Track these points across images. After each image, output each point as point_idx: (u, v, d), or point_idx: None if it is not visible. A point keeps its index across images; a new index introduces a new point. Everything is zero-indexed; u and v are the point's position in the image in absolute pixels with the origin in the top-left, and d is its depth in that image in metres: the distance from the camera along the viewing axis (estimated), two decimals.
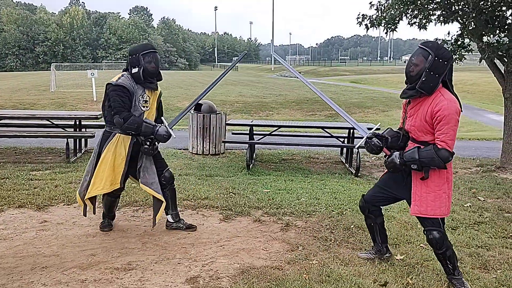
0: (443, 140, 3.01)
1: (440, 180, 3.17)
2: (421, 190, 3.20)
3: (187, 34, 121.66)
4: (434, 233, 3.22)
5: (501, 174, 7.33)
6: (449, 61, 3.04)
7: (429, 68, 3.01)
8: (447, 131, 3.00)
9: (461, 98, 12.30)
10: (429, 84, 3.04)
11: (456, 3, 7.12)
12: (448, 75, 3.09)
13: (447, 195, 3.19)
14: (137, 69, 3.92)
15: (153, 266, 3.60)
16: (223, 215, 4.87)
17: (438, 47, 3.04)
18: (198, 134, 8.43)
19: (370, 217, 3.65)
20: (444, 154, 3.02)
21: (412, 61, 3.10)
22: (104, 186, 3.99)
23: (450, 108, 2.98)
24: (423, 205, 3.19)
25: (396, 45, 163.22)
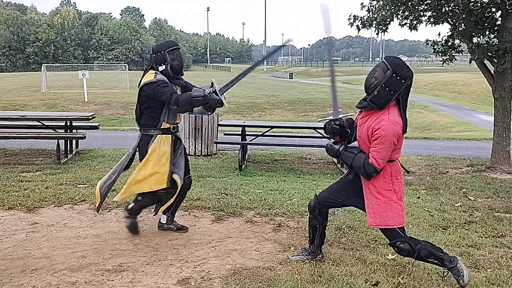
0: (374, 157, 3.09)
1: (386, 191, 3.21)
2: (373, 202, 3.24)
3: (179, 34, 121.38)
4: (399, 245, 3.24)
5: (491, 174, 7.40)
6: (406, 80, 3.02)
7: (385, 83, 3.01)
8: (379, 150, 3.06)
9: (452, 99, 12.46)
10: (381, 100, 3.04)
11: (447, 5, 7.18)
12: (403, 94, 3.08)
13: (398, 204, 3.22)
14: (164, 66, 3.97)
15: (145, 267, 3.58)
16: (215, 216, 4.86)
17: (398, 64, 3.02)
18: (190, 135, 8.41)
19: (317, 218, 3.62)
20: (369, 168, 3.11)
21: (374, 73, 3.11)
22: (150, 186, 3.99)
23: (388, 129, 3.02)
24: (377, 216, 3.23)
25: (387, 46, 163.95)
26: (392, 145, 3.07)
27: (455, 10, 7.07)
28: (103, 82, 28.31)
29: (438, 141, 11.99)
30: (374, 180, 3.21)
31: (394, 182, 3.23)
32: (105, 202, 5.17)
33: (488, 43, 7.10)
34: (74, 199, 5.31)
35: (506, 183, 6.76)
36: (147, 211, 4.61)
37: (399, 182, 3.26)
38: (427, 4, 7.16)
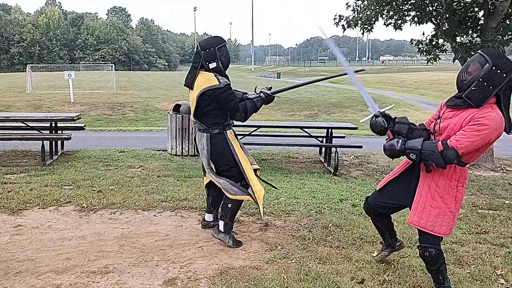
0: (458, 140, 2.71)
1: (449, 197, 2.90)
2: (426, 201, 2.94)
3: (166, 34, 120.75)
4: (430, 251, 2.98)
5: (475, 171, 7.50)
6: (508, 73, 2.67)
7: (483, 78, 2.67)
8: (469, 135, 2.67)
9: (437, 98, 12.61)
10: (479, 95, 2.69)
11: (430, 4, 7.27)
12: (505, 89, 2.73)
13: (453, 214, 2.94)
14: (215, 63, 3.93)
15: (131, 269, 3.56)
16: (202, 216, 4.85)
17: (499, 56, 2.70)
18: (177, 135, 8.38)
19: (376, 219, 3.50)
20: (449, 154, 2.71)
21: (467, 69, 2.77)
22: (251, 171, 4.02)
23: (495, 121, 2.65)
24: (424, 217, 2.93)
25: (374, 46, 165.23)
26: (486, 141, 2.69)
27: (438, 10, 7.16)
28: (90, 82, 28.03)
29: None
30: (438, 180, 2.90)
31: (459, 189, 2.92)
32: (90, 203, 5.15)
33: (471, 42, 7.21)
34: (59, 201, 5.25)
35: (489, 180, 6.86)
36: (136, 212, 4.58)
37: (463, 190, 2.96)
38: (411, 4, 7.24)
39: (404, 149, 2.88)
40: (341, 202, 5.47)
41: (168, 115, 8.67)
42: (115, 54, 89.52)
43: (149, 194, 5.62)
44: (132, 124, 17.00)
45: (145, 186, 5.99)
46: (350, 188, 6.19)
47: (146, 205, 5.17)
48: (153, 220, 4.70)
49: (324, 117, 19.94)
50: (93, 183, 6.07)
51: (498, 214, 5.10)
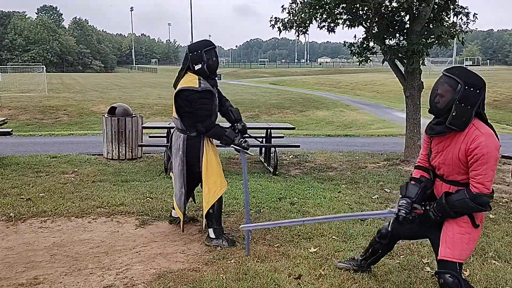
0: (480, 182, 2.60)
1: (474, 219, 2.75)
2: (454, 230, 2.75)
3: (102, 35, 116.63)
4: (447, 278, 2.72)
5: (405, 167, 7.94)
6: (481, 90, 2.60)
7: (459, 100, 2.57)
8: (485, 171, 2.58)
9: (371, 98, 13.17)
10: (461, 119, 2.59)
11: (361, 9, 7.60)
12: (481, 105, 2.64)
13: (476, 240, 2.81)
14: (200, 65, 3.95)
15: (63, 278, 3.41)
16: (139, 220, 4.74)
17: (467, 74, 2.61)
18: (113, 138, 8.13)
19: (383, 245, 3.30)
20: (482, 200, 2.61)
21: (436, 91, 2.68)
22: (221, 185, 4.07)
23: (488, 145, 2.56)
24: (456, 248, 2.72)
25: (312, 48, 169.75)
26: (496, 162, 2.61)
27: (368, 14, 7.50)
28: (19, 85, 26.49)
29: (358, 138, 12.65)
30: None
31: (479, 213, 2.77)
32: (18, 212, 4.87)
33: (398, 45, 7.62)
34: None
35: None
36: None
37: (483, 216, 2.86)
38: (343, 7, 7.52)
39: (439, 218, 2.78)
40: (280, 201, 5.57)
41: (103, 118, 8.38)
42: (47, 55, 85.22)
43: (83, 200, 5.41)
44: (66, 128, 16.28)
45: (79, 192, 5.76)
46: (289, 187, 6.32)
47: (79, 211, 4.97)
48: (87, 227, 4.53)
49: (265, 118, 20.21)
50: (22, 191, 5.73)
51: None
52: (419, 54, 7.32)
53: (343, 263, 3.59)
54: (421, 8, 7.19)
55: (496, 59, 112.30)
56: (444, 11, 7.84)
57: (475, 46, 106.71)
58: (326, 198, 5.71)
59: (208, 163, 4.04)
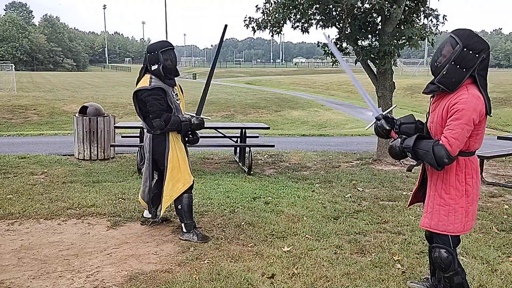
0: (446, 136, 2.58)
1: (457, 192, 2.71)
2: (434, 201, 2.78)
3: (74, 33, 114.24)
4: (441, 252, 2.76)
5: (377, 166, 8.06)
6: (480, 53, 2.54)
7: (454, 60, 2.55)
8: (454, 127, 2.55)
9: (346, 98, 13.32)
10: (451, 79, 2.57)
11: (334, 9, 7.67)
12: (479, 70, 2.59)
13: (465, 210, 2.73)
14: (156, 66, 4.07)
15: (30, 282, 3.31)
16: (111, 222, 4.66)
17: (470, 36, 2.56)
18: (85, 138, 7.96)
19: None
20: (439, 151, 2.57)
21: (440, 51, 2.64)
22: (185, 181, 4.17)
23: (468, 102, 2.51)
24: (434, 218, 2.76)
25: (287, 48, 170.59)
26: (471, 124, 2.54)
27: (341, 15, 7.58)
28: None
29: (333, 138, 12.78)
30: (444, 175, 2.72)
31: (468, 182, 2.71)
32: None
33: (371, 46, 7.74)
34: None
35: (389, 173, 7.41)
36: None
37: (474, 182, 2.74)
38: (316, 8, 7.58)
39: (402, 148, 2.74)
40: (254, 201, 5.57)
41: (74, 117, 8.21)
42: (16, 53, 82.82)
43: (53, 201, 5.28)
44: (36, 128, 15.88)
45: (48, 194, 5.61)
46: (264, 186, 6.33)
47: (49, 213, 4.85)
48: (57, 229, 4.43)
49: (240, 117, 20.18)
50: None
51: (397, 205, 5.52)
52: (390, 55, 7.45)
53: (415, 284, 3.32)
54: (392, 9, 7.32)
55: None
56: (415, 13, 8.00)
57: None
58: (300, 197, 5.75)
59: (173, 159, 4.17)
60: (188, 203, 4.23)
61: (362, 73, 9.33)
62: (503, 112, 22.97)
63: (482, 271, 3.64)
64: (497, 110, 23.39)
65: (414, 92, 27.74)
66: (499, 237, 4.48)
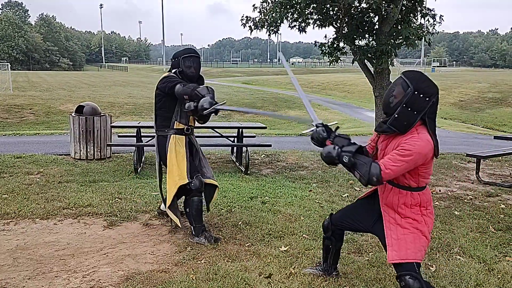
0: (384, 163, 2.60)
1: (417, 222, 2.75)
2: (397, 232, 2.76)
3: (70, 32, 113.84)
4: (407, 279, 2.70)
5: None
6: (431, 97, 2.59)
7: (406, 103, 2.58)
8: (395, 160, 2.58)
9: (342, 98, 13.29)
10: (403, 122, 2.61)
11: (331, 9, 7.67)
12: (429, 113, 2.63)
13: (427, 239, 2.78)
14: (176, 70, 4.21)
15: (26, 282, 3.29)
16: (107, 221, 4.64)
17: (420, 79, 2.61)
18: (81, 137, 7.93)
19: (330, 239, 3.30)
20: (375, 169, 2.59)
21: (392, 92, 2.67)
22: (175, 183, 4.14)
23: (417, 146, 2.56)
24: (402, 248, 2.72)
25: (284, 48, 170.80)
26: (412, 164, 2.59)
27: (338, 14, 7.59)
28: None
29: None
30: (399, 210, 2.77)
31: (424, 213, 2.77)
32: None
33: (368, 45, 7.74)
34: None
35: None
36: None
37: (429, 213, 2.80)
38: (313, 7, 7.58)
39: (339, 153, 2.71)
40: (251, 200, 5.56)
41: (70, 117, 8.17)
42: (12, 52, 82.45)
43: (49, 201, 5.25)
44: (32, 128, 15.81)
45: (44, 193, 5.58)
46: (260, 186, 6.32)
47: (45, 213, 4.82)
48: (53, 229, 4.40)
49: (237, 117, 20.15)
50: None
51: None
52: (387, 55, 7.45)
53: (310, 269, 3.54)
54: (389, 9, 7.32)
55: (462, 61, 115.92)
56: (412, 13, 8.01)
57: (442, 48, 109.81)
58: (297, 197, 5.74)
59: (170, 162, 4.23)
60: (197, 206, 4.20)
61: (359, 73, 9.33)
62: (499, 112, 23.07)
63: (479, 270, 3.64)
64: (493, 110, 23.48)
65: None
66: (495, 236, 4.49)
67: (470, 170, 7.84)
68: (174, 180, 4.18)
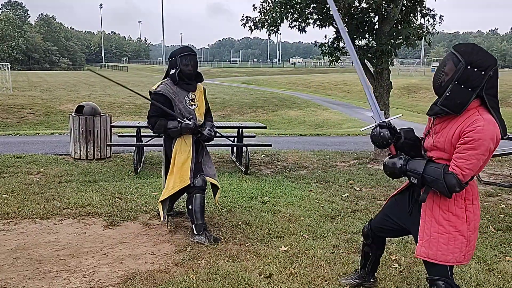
0: (459, 166, 2.33)
1: (457, 219, 2.48)
2: (431, 228, 2.53)
3: (70, 32, 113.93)
4: (440, 285, 2.55)
5: (374, 165, 8.07)
6: (487, 70, 2.29)
7: (458, 80, 2.30)
8: (469, 157, 2.30)
9: (342, 98, 13.30)
10: (456, 101, 2.32)
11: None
12: (487, 89, 2.33)
13: (466, 238, 2.49)
14: (174, 70, 4.20)
15: (26, 282, 3.29)
16: (107, 221, 4.64)
17: (472, 52, 2.30)
18: (81, 137, 7.93)
19: (371, 246, 3.10)
20: (451, 180, 2.34)
21: (442, 69, 2.38)
22: (174, 185, 4.18)
23: (485, 131, 2.27)
24: (433, 247, 2.52)
25: (284, 48, 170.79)
26: (488, 153, 2.31)
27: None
28: None
29: (329, 137, 12.77)
30: (441, 200, 2.50)
31: (469, 208, 2.49)
32: None
33: (368, 45, 7.74)
34: None
35: None
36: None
37: (474, 208, 2.52)
38: (313, 7, 7.57)
39: (405, 170, 2.50)
40: (251, 200, 5.56)
41: (70, 116, 8.17)
42: (12, 52, 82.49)
43: (49, 201, 5.25)
44: (32, 128, 15.81)
45: (44, 193, 5.58)
46: (261, 186, 6.31)
47: (45, 213, 4.82)
48: (53, 229, 4.40)
49: (237, 117, 20.15)
50: None
51: None
52: (387, 55, 7.45)
53: (345, 279, 3.35)
54: (390, 9, 7.32)
55: None
56: (412, 13, 8.01)
57: (442, 48, 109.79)
58: (297, 197, 5.74)
59: (173, 161, 4.25)
60: (200, 204, 4.21)
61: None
62: None
63: (479, 270, 3.64)
64: None
65: (410, 92, 27.81)
66: (496, 236, 4.49)
67: None
68: (175, 181, 4.19)
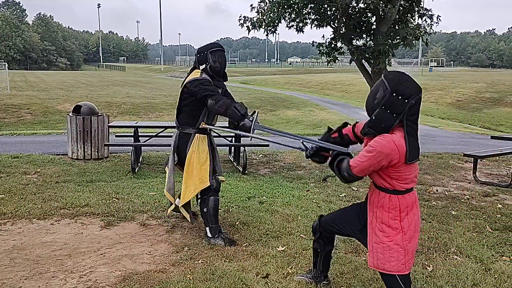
0: (354, 160, 2.63)
1: (390, 229, 2.66)
2: (372, 239, 2.74)
3: (68, 32, 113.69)
4: None
5: None
6: (409, 98, 2.49)
7: (384, 105, 2.51)
8: (362, 154, 2.57)
9: (340, 97, 13.34)
10: (381, 124, 2.54)
11: (329, 9, 7.68)
12: (409, 116, 2.53)
13: (402, 248, 2.65)
14: (204, 65, 4.13)
15: (23, 283, 3.29)
16: (104, 222, 4.63)
17: (399, 81, 2.52)
18: (78, 137, 7.91)
19: (319, 242, 3.20)
20: (343, 167, 2.66)
21: (374, 93, 2.61)
22: (196, 186, 4.10)
23: (381, 142, 2.51)
24: (375, 257, 2.71)
25: (282, 48, 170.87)
26: (378, 163, 2.53)
27: (336, 14, 7.60)
28: None
29: None
30: (377, 213, 2.71)
31: (403, 219, 2.66)
32: None
33: (365, 45, 7.76)
34: None
35: None
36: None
37: (409, 218, 2.68)
38: (311, 7, 7.59)
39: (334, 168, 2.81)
40: (249, 200, 5.56)
41: (67, 116, 8.16)
42: (9, 52, 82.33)
43: (46, 201, 5.24)
44: (29, 128, 15.78)
45: (41, 193, 5.57)
46: (258, 186, 6.32)
47: (42, 213, 4.81)
48: (50, 229, 4.39)
49: None
50: None
51: None
52: (385, 55, 7.47)
53: (300, 276, 3.44)
54: (387, 9, 7.33)
55: (459, 61, 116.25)
56: (409, 13, 8.04)
57: (439, 48, 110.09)
58: (294, 197, 5.74)
59: (190, 160, 4.13)
60: (214, 206, 4.14)
61: (357, 73, 9.35)
62: (496, 112, 23.14)
63: (476, 270, 3.65)
64: (491, 110, 23.55)
65: None
66: (492, 236, 4.50)
67: (467, 170, 7.85)
68: (195, 182, 4.08)
